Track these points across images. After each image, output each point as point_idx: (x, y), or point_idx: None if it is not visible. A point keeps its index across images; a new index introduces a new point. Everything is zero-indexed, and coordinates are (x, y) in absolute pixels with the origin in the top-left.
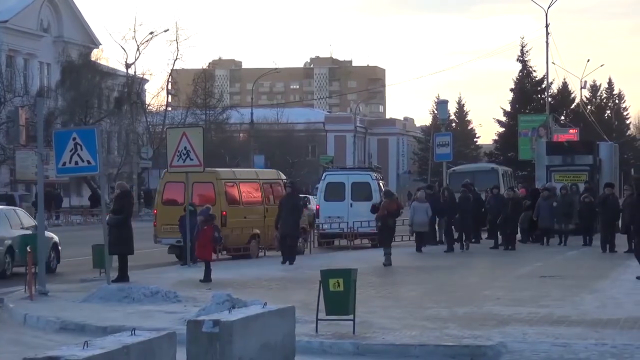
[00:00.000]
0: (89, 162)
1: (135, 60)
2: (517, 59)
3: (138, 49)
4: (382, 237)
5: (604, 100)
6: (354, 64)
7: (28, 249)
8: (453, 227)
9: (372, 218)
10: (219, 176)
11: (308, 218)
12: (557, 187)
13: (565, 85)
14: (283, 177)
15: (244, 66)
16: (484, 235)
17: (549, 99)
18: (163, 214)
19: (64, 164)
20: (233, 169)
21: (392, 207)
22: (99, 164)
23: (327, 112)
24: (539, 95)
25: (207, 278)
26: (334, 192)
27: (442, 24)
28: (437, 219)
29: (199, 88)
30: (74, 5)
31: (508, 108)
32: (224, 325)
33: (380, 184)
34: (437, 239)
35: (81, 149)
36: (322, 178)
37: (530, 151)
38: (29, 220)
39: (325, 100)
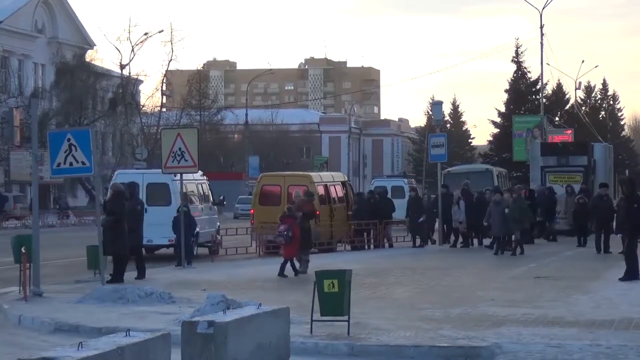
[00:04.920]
0: (83, 163)
1: (130, 61)
2: (512, 60)
3: (132, 50)
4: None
5: (599, 101)
6: (348, 65)
7: (22, 249)
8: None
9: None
10: (312, 179)
11: None
12: (551, 188)
13: (559, 86)
14: (346, 178)
15: (238, 67)
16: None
17: (544, 100)
18: (260, 213)
19: (59, 164)
20: (319, 173)
21: (307, 208)
22: (94, 165)
23: (322, 113)
24: (533, 96)
25: (297, 271)
26: None
27: (436, 25)
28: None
29: (194, 89)
30: (68, 6)
31: (503, 109)
32: (218, 326)
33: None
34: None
35: (76, 150)
36: (372, 183)
37: (524, 152)
38: None
39: (319, 101)
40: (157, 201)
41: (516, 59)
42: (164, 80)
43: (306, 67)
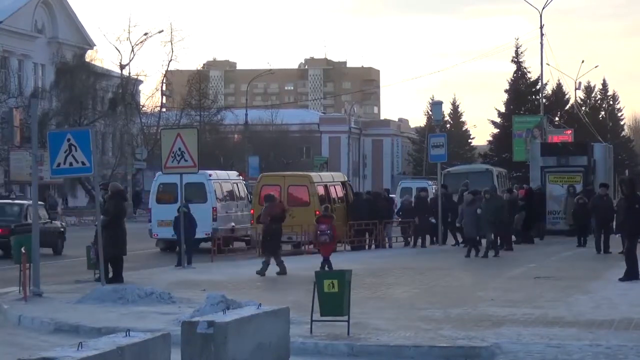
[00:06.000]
0: (83, 163)
1: (130, 61)
2: (512, 60)
3: (132, 50)
4: (269, 245)
5: (599, 102)
6: (348, 65)
7: (22, 249)
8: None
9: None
10: (312, 180)
11: None
12: (551, 188)
13: (559, 86)
14: (346, 178)
15: (238, 67)
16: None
17: (544, 100)
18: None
19: (59, 165)
20: (319, 173)
21: (275, 211)
22: (94, 165)
23: (322, 113)
24: (533, 97)
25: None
26: (406, 194)
27: (436, 25)
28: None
29: (194, 89)
30: (68, 6)
31: (502, 109)
32: (218, 326)
33: (434, 188)
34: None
35: (75, 150)
36: (399, 184)
37: (524, 152)
38: None
39: (319, 101)
40: (194, 199)
41: (516, 59)
42: (164, 81)
43: (306, 67)
